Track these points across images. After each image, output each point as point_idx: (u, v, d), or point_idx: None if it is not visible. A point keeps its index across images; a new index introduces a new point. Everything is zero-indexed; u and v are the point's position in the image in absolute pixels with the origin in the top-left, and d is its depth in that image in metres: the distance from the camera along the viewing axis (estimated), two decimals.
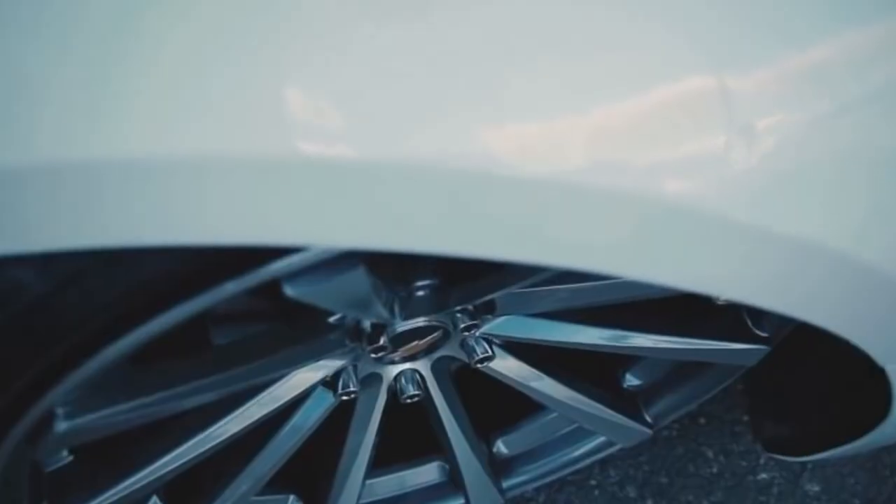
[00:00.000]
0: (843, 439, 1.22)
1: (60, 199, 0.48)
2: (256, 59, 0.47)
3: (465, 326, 0.99)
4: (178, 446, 1.00)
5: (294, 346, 0.91)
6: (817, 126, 0.58)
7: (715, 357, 1.14)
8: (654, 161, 0.53)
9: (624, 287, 0.96)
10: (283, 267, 0.56)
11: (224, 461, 1.11)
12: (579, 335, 1.08)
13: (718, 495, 1.52)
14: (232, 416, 1.00)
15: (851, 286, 0.66)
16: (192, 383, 0.81)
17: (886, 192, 0.60)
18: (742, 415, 1.59)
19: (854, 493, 1.55)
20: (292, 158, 0.47)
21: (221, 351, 0.86)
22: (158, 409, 0.79)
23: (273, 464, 1.11)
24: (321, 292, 0.61)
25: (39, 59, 0.46)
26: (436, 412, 1.17)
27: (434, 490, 1.37)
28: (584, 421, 1.26)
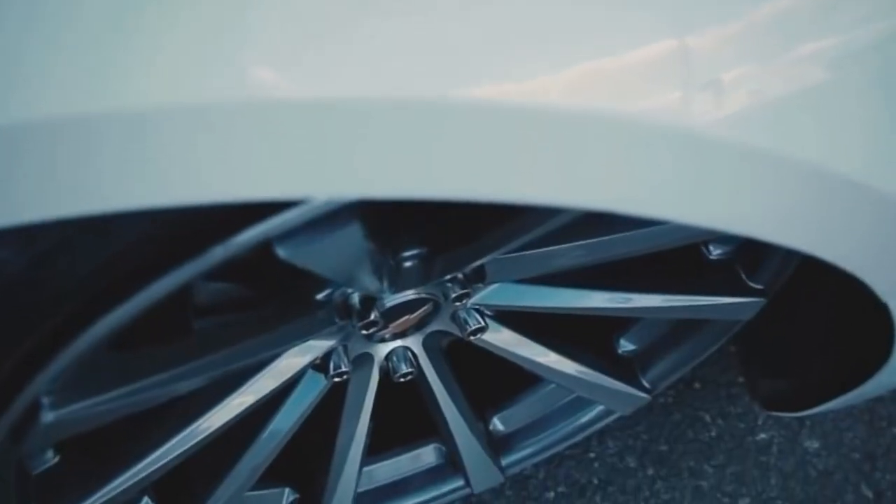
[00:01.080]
0: (842, 390, 1.22)
1: (42, 161, 0.46)
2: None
3: (455, 296, 0.98)
4: (167, 441, 0.97)
5: (282, 325, 0.89)
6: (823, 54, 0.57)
7: (711, 313, 1.14)
8: (661, 87, 0.51)
9: (615, 244, 0.95)
10: (275, 226, 0.54)
11: (216, 456, 1.09)
12: (573, 300, 1.07)
13: (719, 458, 1.52)
14: (221, 406, 0.98)
15: (859, 215, 0.65)
16: (179, 368, 0.78)
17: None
18: (737, 377, 1.58)
19: (853, 447, 1.55)
20: (284, 100, 0.45)
21: (208, 334, 0.84)
22: (146, 396, 0.76)
23: (267, 455, 1.09)
24: (314, 253, 0.59)
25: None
26: (430, 391, 1.15)
27: (431, 473, 1.36)
28: (581, 389, 1.24)
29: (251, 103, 0.45)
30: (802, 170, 0.57)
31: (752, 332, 1.29)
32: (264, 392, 0.99)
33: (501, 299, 1.04)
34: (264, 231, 0.54)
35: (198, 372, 0.80)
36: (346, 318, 0.93)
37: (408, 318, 1.02)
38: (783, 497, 1.49)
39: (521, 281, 1.03)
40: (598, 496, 1.48)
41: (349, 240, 0.60)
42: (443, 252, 0.91)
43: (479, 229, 0.88)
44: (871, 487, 1.52)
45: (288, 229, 0.55)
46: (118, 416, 0.76)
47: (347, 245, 0.61)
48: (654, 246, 0.96)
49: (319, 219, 0.55)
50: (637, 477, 1.50)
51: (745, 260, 1.10)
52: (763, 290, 1.11)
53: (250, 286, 0.92)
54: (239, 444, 1.08)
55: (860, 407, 1.58)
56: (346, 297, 0.92)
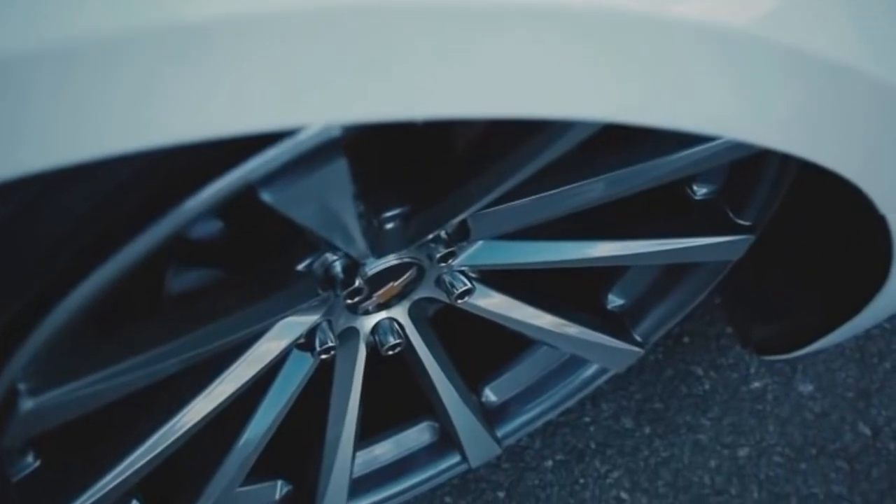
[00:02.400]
0: (837, 323, 1.21)
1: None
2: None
3: (440, 257, 0.95)
4: (149, 437, 0.93)
5: (262, 299, 0.85)
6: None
7: (701, 255, 1.12)
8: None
9: (598, 186, 0.93)
10: (259, 166, 0.50)
11: (203, 451, 1.05)
12: (561, 252, 1.04)
13: (715, 411, 1.51)
14: (203, 396, 0.94)
15: (857, 111, 0.63)
16: (157, 348, 0.75)
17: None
18: (725, 327, 1.57)
19: (847, 387, 1.55)
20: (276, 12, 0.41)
21: (187, 311, 0.80)
22: (125, 380, 0.72)
23: (256, 444, 1.05)
24: (301, 194, 0.56)
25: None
26: (419, 363, 1.12)
27: (426, 452, 1.33)
28: (574, 349, 1.22)
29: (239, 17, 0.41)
30: (797, 61, 0.55)
31: (738, 279, 1.28)
32: (248, 377, 0.95)
33: (487, 258, 1.01)
34: (247, 173, 0.51)
35: (178, 352, 0.77)
36: (330, 289, 0.90)
37: (392, 286, 0.99)
38: (782, 443, 1.49)
39: (505, 237, 1.01)
40: (597, 460, 1.46)
41: (336, 175, 0.56)
42: (423, 209, 0.88)
43: (458, 182, 0.86)
44: (868, 425, 1.52)
45: (272, 170, 0.52)
46: (99, 403, 0.72)
47: (335, 184, 0.58)
48: (638, 185, 0.94)
49: (305, 156, 0.52)
50: (634, 437, 1.48)
51: (731, 197, 1.08)
52: (751, 227, 1.09)
53: (227, 263, 0.88)
54: (226, 435, 1.04)
55: (850, 346, 1.58)
56: (327, 266, 0.89)
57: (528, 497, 1.43)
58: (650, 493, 1.43)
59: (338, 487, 1.19)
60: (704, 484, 1.45)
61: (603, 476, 1.45)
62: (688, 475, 1.45)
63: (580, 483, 1.44)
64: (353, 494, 1.27)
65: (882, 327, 1.61)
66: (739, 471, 1.46)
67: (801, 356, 1.54)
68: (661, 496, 1.43)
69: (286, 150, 0.50)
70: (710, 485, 1.45)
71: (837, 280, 1.17)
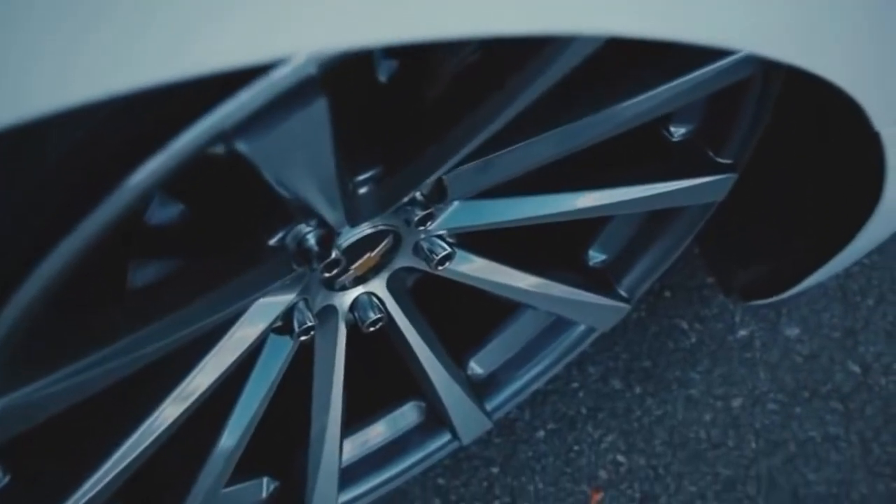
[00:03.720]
0: (821, 261, 1.20)
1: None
2: None
3: (418, 220, 0.91)
4: (126, 439, 0.88)
5: (236, 278, 0.81)
6: None
7: (683, 199, 1.09)
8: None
9: (575, 132, 0.90)
10: (234, 110, 0.46)
11: (184, 451, 1.00)
12: (542, 207, 1.01)
13: (705, 363, 1.49)
14: (179, 390, 0.89)
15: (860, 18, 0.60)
16: (124, 340, 0.70)
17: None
18: (705, 278, 1.56)
19: (833, 327, 1.54)
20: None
21: (156, 295, 0.75)
22: (97, 373, 0.67)
23: (240, 438, 1.01)
24: (281, 140, 0.51)
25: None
26: (402, 338, 1.09)
27: (415, 433, 1.29)
28: (559, 309, 1.19)
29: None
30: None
31: (717, 227, 1.26)
32: (224, 368, 0.91)
33: (466, 220, 0.98)
34: (222, 120, 0.46)
35: (149, 340, 0.72)
36: (305, 263, 0.86)
37: (369, 256, 0.95)
38: (774, 389, 1.48)
39: (484, 196, 0.97)
40: (590, 425, 1.43)
41: (317, 119, 0.52)
42: (397, 170, 0.84)
43: (431, 138, 0.82)
44: (857, 363, 1.52)
45: (248, 116, 0.47)
46: (70, 400, 0.67)
47: (316, 126, 0.53)
48: (617, 126, 0.91)
49: (282, 97, 0.47)
50: (625, 398, 1.46)
51: (710, 136, 1.06)
52: (732, 165, 1.07)
53: (193, 249, 0.84)
54: (207, 431, 1.00)
55: (832, 286, 1.58)
56: (300, 238, 0.84)
57: (524, 470, 1.40)
58: (647, 454, 1.41)
59: (327, 479, 1.15)
60: (701, 438, 1.43)
61: (597, 441, 1.42)
62: (683, 431, 1.43)
63: (575, 450, 1.41)
64: (343, 484, 1.23)
65: (861, 264, 1.60)
66: (734, 422, 1.45)
67: (785, 300, 1.53)
68: (659, 455, 1.41)
69: (261, 92, 0.46)
70: (706, 439, 1.43)
71: (822, 215, 1.16)
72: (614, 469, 1.40)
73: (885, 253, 1.62)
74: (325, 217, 0.76)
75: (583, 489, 1.38)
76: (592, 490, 1.38)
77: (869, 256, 1.61)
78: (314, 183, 0.65)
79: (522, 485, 1.39)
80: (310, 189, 0.66)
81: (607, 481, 1.39)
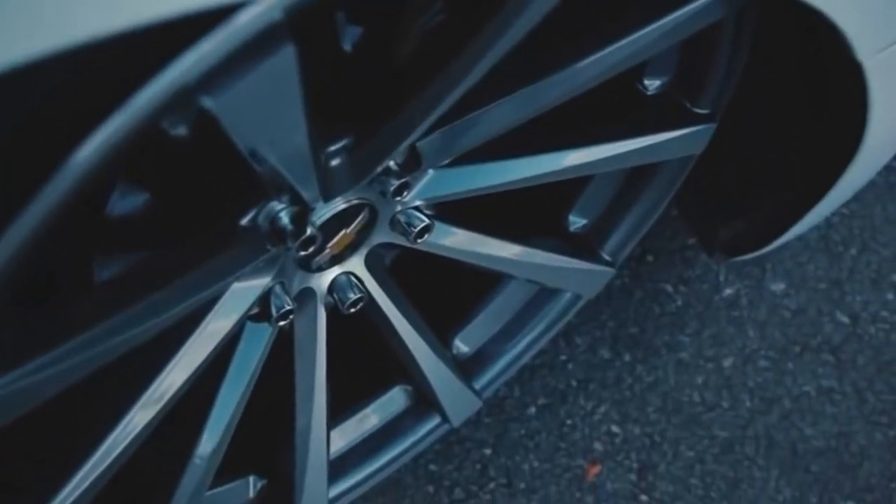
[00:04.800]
0: (805, 208, 1.19)
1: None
2: None
3: (394, 189, 0.88)
4: (101, 443, 0.84)
5: (207, 262, 0.78)
6: None
7: (663, 153, 1.07)
8: None
9: (548, 88, 0.88)
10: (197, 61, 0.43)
11: (166, 451, 0.97)
12: (520, 170, 0.99)
13: (692, 326, 1.48)
14: (155, 386, 0.86)
15: None
16: (90, 331, 0.67)
17: None
18: (686, 239, 1.54)
19: (818, 278, 1.53)
20: None
21: (126, 283, 0.72)
22: (67, 367, 0.64)
23: (222, 435, 0.97)
24: (248, 94, 0.48)
25: None
26: (384, 319, 1.06)
27: (403, 419, 1.26)
28: (544, 278, 1.17)
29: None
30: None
31: (695, 186, 1.25)
32: (200, 360, 0.87)
33: (442, 188, 0.95)
34: (184, 73, 0.43)
35: (117, 333, 0.69)
36: (279, 243, 0.82)
37: (345, 233, 0.92)
38: (765, 346, 1.47)
39: (459, 163, 0.95)
40: (581, 397, 1.42)
41: (285, 69, 0.49)
42: (369, 138, 0.82)
43: (401, 101, 0.80)
44: (845, 313, 1.51)
45: (212, 68, 0.44)
46: (37, 399, 0.64)
47: (284, 77, 0.50)
48: (590, 79, 0.89)
49: (248, 46, 0.44)
50: (615, 367, 1.44)
51: (685, 87, 1.04)
52: (710, 115, 1.06)
53: (159, 239, 0.80)
54: (188, 429, 0.96)
55: (813, 237, 1.57)
56: (273, 217, 0.82)
57: (517, 448, 1.37)
58: (641, 422, 1.40)
59: (316, 472, 1.12)
60: (695, 402, 1.42)
61: (590, 413, 1.40)
62: (676, 396, 1.42)
63: (568, 424, 1.40)
64: (333, 477, 1.20)
65: (840, 213, 1.60)
66: (727, 382, 1.43)
67: (768, 255, 1.52)
68: (654, 423, 1.40)
69: (225, 40, 0.43)
70: (700, 402, 1.42)
71: (803, 161, 1.14)
72: (609, 440, 1.38)
73: (861, 201, 1.62)
74: (297, 188, 0.74)
75: (579, 463, 1.37)
76: (589, 463, 1.36)
77: (847, 206, 1.61)
78: (286, 146, 0.62)
79: (517, 464, 1.36)
80: (282, 154, 0.63)
81: (603, 453, 1.38)
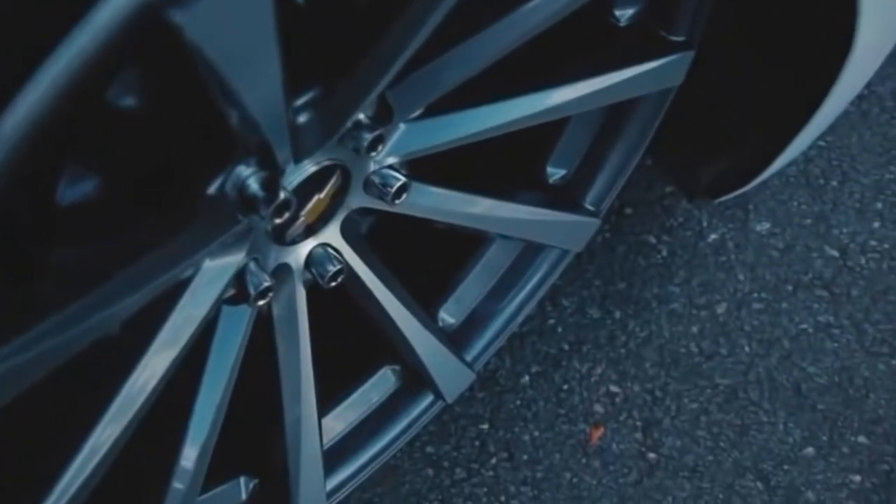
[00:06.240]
0: (786, 139, 1.17)
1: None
2: None
3: (368, 145, 0.83)
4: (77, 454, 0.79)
5: (174, 237, 0.72)
6: None
7: (642, 86, 1.04)
8: None
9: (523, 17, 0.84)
10: None
11: (149, 460, 0.92)
12: (496, 116, 0.95)
13: (681, 274, 1.45)
14: (130, 384, 0.80)
15: None
16: (60, 313, 0.61)
17: None
18: (664, 187, 1.51)
19: (802, 214, 1.52)
20: None
21: (90, 266, 0.67)
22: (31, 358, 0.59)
23: (208, 434, 0.92)
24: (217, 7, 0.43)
25: None
26: (367, 291, 1.01)
27: (395, 400, 1.22)
28: (529, 234, 1.13)
29: None
30: None
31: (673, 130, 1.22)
32: (177, 352, 0.82)
33: (417, 142, 0.91)
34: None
35: (89, 312, 0.63)
36: (251, 211, 0.77)
37: (319, 199, 0.87)
38: (756, 288, 1.44)
39: (431, 115, 0.90)
40: (576, 360, 1.38)
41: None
42: (335, 90, 0.77)
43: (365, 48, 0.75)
44: (834, 247, 1.49)
45: None
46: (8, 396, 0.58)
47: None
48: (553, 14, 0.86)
49: None
50: (606, 325, 1.41)
51: (659, 14, 1.01)
52: (687, 42, 1.02)
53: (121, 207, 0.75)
54: (170, 432, 0.91)
55: (793, 173, 1.55)
56: (242, 183, 0.76)
57: (515, 420, 1.33)
58: (640, 379, 1.36)
59: (310, 465, 1.08)
60: (692, 352, 1.39)
61: (586, 375, 1.37)
62: (673, 348, 1.39)
63: (565, 389, 1.36)
64: (329, 468, 1.15)
65: (818, 147, 1.58)
66: (723, 329, 1.41)
67: (749, 196, 1.50)
68: (653, 378, 1.37)
69: None
70: (698, 352, 1.39)
71: (787, 84, 1.12)
72: (609, 401, 1.35)
73: (837, 132, 1.61)
74: (269, 141, 0.69)
75: (581, 428, 1.33)
76: (591, 427, 1.33)
77: (823, 138, 1.59)
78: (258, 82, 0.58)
79: (517, 436, 1.32)
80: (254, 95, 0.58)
81: (605, 415, 1.34)
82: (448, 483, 1.29)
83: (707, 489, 1.28)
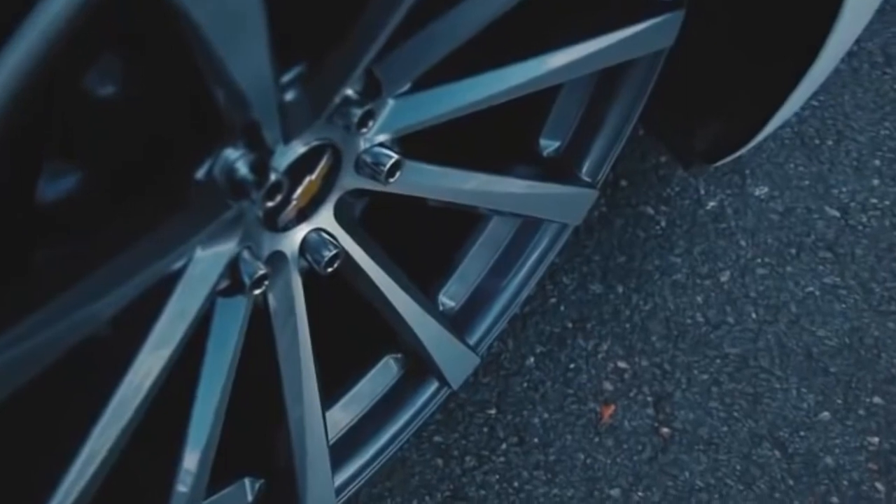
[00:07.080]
0: (783, 95, 1.15)
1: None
2: None
3: (358, 121, 0.81)
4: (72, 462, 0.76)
5: (165, 224, 0.70)
6: None
7: (633, 49, 1.02)
8: None
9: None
10: None
11: (148, 468, 0.89)
12: (485, 87, 0.93)
13: (681, 244, 1.43)
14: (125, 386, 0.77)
15: None
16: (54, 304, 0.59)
17: None
18: (658, 157, 1.50)
19: (800, 176, 1.50)
20: None
21: (80, 255, 0.64)
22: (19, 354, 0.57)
23: (209, 435, 0.89)
24: None
25: None
26: (364, 277, 0.99)
27: (398, 392, 1.19)
28: (527, 208, 1.11)
29: None
30: None
31: (665, 97, 1.20)
32: (171, 351, 0.79)
33: (408, 117, 0.89)
34: None
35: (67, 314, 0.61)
36: (241, 195, 0.75)
37: (310, 180, 0.85)
38: (759, 253, 1.43)
39: (422, 88, 0.88)
40: (580, 338, 1.36)
41: None
42: (321, 65, 0.75)
43: (349, 20, 0.73)
44: (834, 207, 1.48)
45: None
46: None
47: None
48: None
49: None
50: (610, 300, 1.39)
51: None
52: (677, 1, 1.01)
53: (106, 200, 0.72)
54: (170, 435, 0.88)
55: (787, 135, 1.54)
56: (230, 167, 0.74)
57: (523, 403, 1.31)
58: (648, 353, 1.35)
59: (317, 460, 1.05)
60: (699, 323, 1.37)
61: (592, 352, 1.35)
62: (679, 320, 1.37)
63: (571, 368, 1.34)
64: (336, 464, 1.12)
65: (811, 106, 1.57)
66: (728, 297, 1.39)
67: (745, 160, 1.49)
68: (661, 351, 1.35)
69: None
70: (704, 322, 1.37)
71: (774, 50, 1.11)
72: (618, 377, 1.33)
73: (829, 91, 1.59)
74: (258, 120, 0.67)
75: (591, 407, 1.31)
76: (601, 405, 1.31)
77: (815, 97, 1.58)
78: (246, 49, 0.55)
79: (526, 419, 1.30)
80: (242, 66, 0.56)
81: (614, 392, 1.32)
82: (459, 472, 1.27)
83: (724, 461, 1.27)
